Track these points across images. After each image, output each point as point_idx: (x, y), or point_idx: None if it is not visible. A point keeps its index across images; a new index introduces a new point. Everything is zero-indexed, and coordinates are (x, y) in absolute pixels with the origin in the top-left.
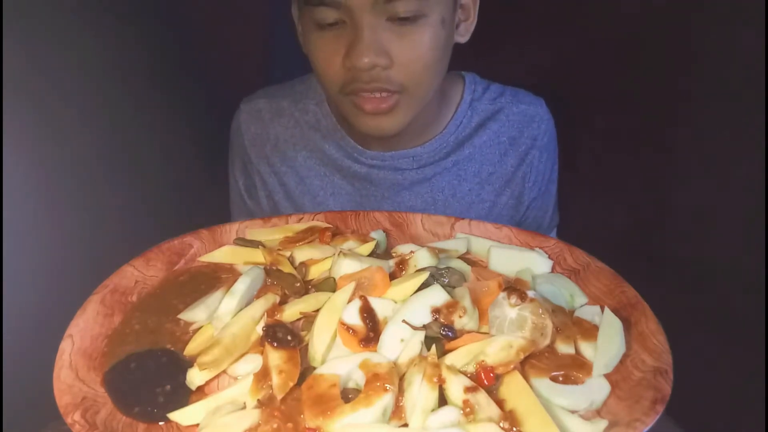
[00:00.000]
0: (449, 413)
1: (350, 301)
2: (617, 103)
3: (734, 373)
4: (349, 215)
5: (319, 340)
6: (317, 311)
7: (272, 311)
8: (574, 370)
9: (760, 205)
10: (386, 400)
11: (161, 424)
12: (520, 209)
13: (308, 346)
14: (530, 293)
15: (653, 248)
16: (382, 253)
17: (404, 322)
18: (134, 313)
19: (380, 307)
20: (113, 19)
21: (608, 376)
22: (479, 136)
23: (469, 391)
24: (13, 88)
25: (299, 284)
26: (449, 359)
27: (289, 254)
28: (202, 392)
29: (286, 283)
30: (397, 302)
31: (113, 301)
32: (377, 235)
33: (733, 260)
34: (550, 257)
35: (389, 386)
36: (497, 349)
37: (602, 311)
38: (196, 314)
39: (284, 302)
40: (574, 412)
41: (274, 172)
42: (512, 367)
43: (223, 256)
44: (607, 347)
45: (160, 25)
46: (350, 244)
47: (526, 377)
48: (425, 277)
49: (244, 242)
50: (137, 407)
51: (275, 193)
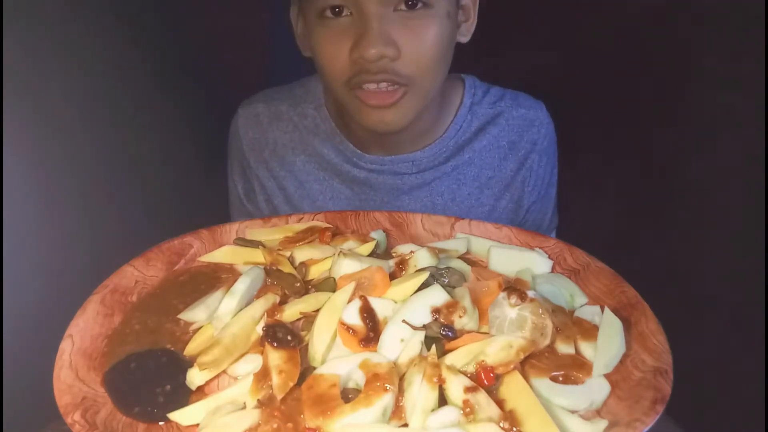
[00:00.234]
0: (449, 413)
1: (350, 301)
2: (617, 103)
3: (734, 373)
4: (349, 215)
5: (319, 340)
6: (317, 311)
7: (272, 311)
8: (574, 370)
9: (760, 205)
10: (386, 400)
11: (161, 424)
12: (519, 213)
13: (308, 346)
14: (530, 293)
15: (653, 248)
16: (382, 253)
17: (404, 322)
18: (134, 313)
19: (380, 307)
20: (113, 19)
21: (608, 376)
22: (479, 140)
23: (469, 391)
24: (13, 88)
25: (299, 284)
26: (449, 359)
27: (289, 254)
28: (202, 392)
29: (286, 283)
30: (397, 302)
31: (113, 301)
32: (377, 235)
33: (733, 261)
34: (550, 257)
35: (389, 386)
36: (497, 349)
37: (602, 311)
38: (196, 314)
39: (284, 302)
40: (574, 412)
41: (273, 176)
42: (512, 367)
43: (223, 256)
44: (607, 347)
45: (160, 25)
46: (350, 244)
47: (526, 377)
48: (425, 277)
49: (244, 242)
50: (137, 407)
51: (274, 197)
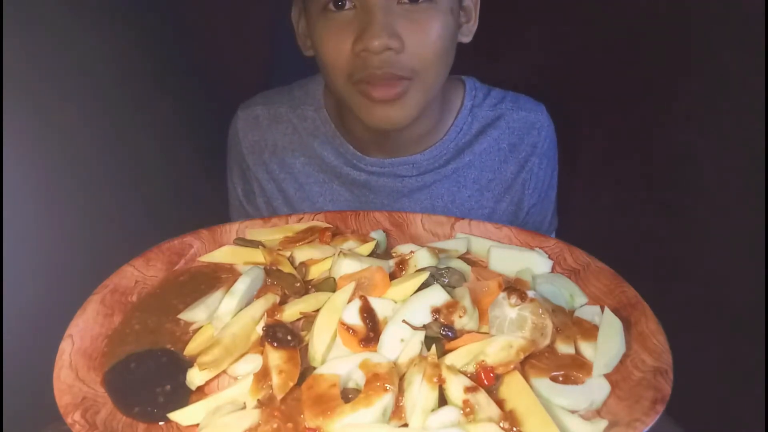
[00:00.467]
0: (449, 413)
1: (350, 301)
2: (617, 104)
3: (734, 373)
4: (349, 215)
5: (319, 340)
6: (317, 311)
7: (272, 311)
8: (574, 370)
9: (760, 205)
10: (386, 400)
11: (161, 424)
12: (519, 215)
13: (308, 346)
14: (530, 293)
15: (653, 248)
16: (382, 253)
17: (404, 322)
18: (134, 313)
19: (380, 307)
20: (113, 19)
21: (608, 376)
22: (479, 143)
23: (469, 391)
24: (13, 88)
25: (299, 284)
26: (449, 359)
27: (289, 254)
28: (202, 392)
29: (286, 283)
30: (397, 302)
31: (113, 301)
32: (377, 235)
33: (733, 260)
34: (550, 257)
35: (389, 386)
36: (497, 349)
37: (602, 311)
38: (196, 314)
39: (284, 302)
40: (574, 412)
41: (272, 178)
42: (512, 367)
43: (223, 256)
44: (607, 347)
45: (160, 25)
46: (350, 244)
47: (526, 377)
48: (425, 277)
49: (244, 242)
50: (137, 407)
51: (274, 199)
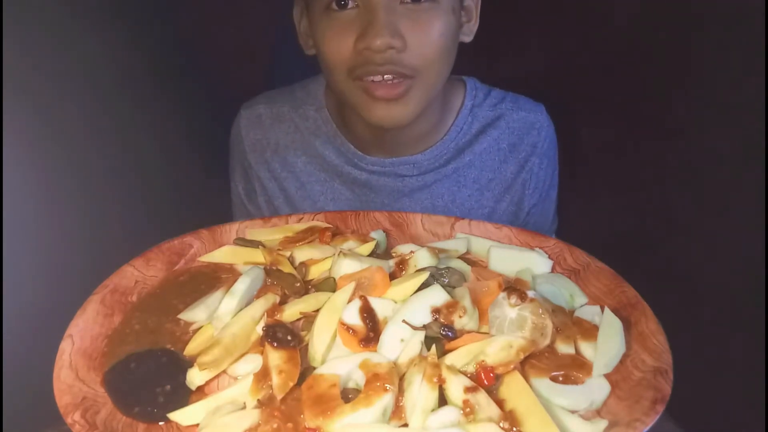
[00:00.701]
0: (449, 413)
1: (350, 301)
2: (617, 104)
3: (734, 373)
4: (349, 215)
5: (319, 340)
6: (317, 311)
7: (272, 311)
8: (574, 370)
9: (760, 205)
10: (386, 400)
11: (161, 424)
12: (519, 215)
13: (308, 346)
14: (530, 293)
15: (653, 248)
16: (382, 253)
17: (404, 322)
18: (134, 313)
19: (380, 307)
20: (114, 19)
21: (608, 376)
22: (479, 142)
23: (469, 391)
24: (13, 88)
25: (299, 284)
26: (449, 359)
27: (289, 254)
28: (202, 392)
29: (286, 283)
30: (397, 302)
31: (113, 301)
32: (377, 235)
33: (733, 260)
34: (550, 257)
35: (389, 386)
36: (497, 349)
37: (602, 311)
38: (196, 314)
39: (284, 302)
40: (574, 412)
41: (274, 177)
42: (512, 367)
43: (223, 256)
44: (607, 347)
45: (161, 25)
46: (350, 244)
47: (526, 377)
48: (425, 277)
49: (244, 242)
50: (137, 407)
51: (275, 198)
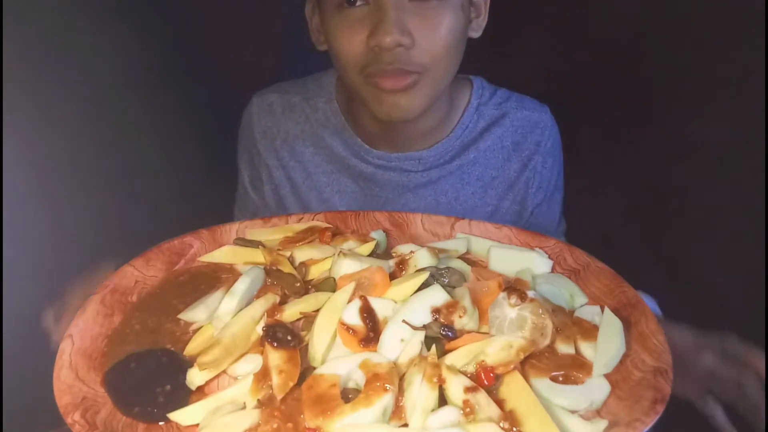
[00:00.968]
0: (449, 413)
1: (350, 301)
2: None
3: None
4: (349, 215)
5: (319, 340)
6: (317, 311)
7: (272, 311)
8: (574, 370)
9: (760, 205)
10: (386, 400)
11: (161, 424)
12: (523, 215)
13: (308, 346)
14: (530, 293)
15: (653, 248)
16: (382, 253)
17: (404, 322)
18: (134, 313)
19: (380, 307)
20: (114, 18)
21: (608, 376)
22: (484, 140)
23: (469, 391)
24: (13, 87)
25: (299, 284)
26: (449, 359)
27: (289, 254)
28: (202, 392)
29: (286, 283)
30: (397, 302)
31: (113, 301)
32: (377, 235)
33: (733, 261)
34: (550, 257)
35: (389, 386)
36: (497, 349)
37: (602, 311)
38: (196, 314)
39: (284, 302)
40: (574, 412)
41: (282, 165)
42: (512, 367)
43: (223, 256)
44: (607, 347)
45: (161, 24)
46: (350, 244)
47: (526, 377)
48: (425, 277)
49: (244, 242)
50: (137, 407)
51: (281, 187)
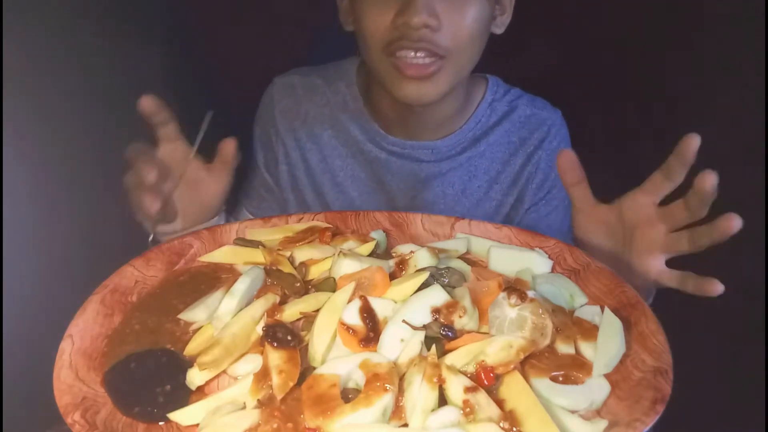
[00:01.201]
0: (449, 413)
1: (350, 301)
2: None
3: (734, 373)
4: (349, 215)
5: (319, 340)
6: (317, 311)
7: (272, 311)
8: (574, 370)
9: (760, 205)
10: (386, 400)
11: (161, 424)
12: (519, 210)
13: (308, 346)
14: (530, 293)
15: None
16: (382, 253)
17: (404, 322)
18: (134, 313)
19: (380, 307)
20: (114, 18)
21: (608, 376)
22: (494, 133)
23: (469, 391)
24: (13, 88)
25: (299, 284)
26: (449, 359)
27: (289, 254)
28: (202, 392)
29: (286, 283)
30: (397, 302)
31: (113, 301)
32: (377, 235)
33: (733, 261)
34: (550, 257)
35: (389, 386)
36: (497, 349)
37: (602, 311)
38: (196, 314)
39: (284, 302)
40: (574, 412)
41: (299, 146)
42: (512, 367)
43: (223, 256)
44: (607, 347)
45: (162, 24)
46: (350, 244)
47: (526, 377)
48: (425, 277)
49: (244, 242)
50: (137, 407)
51: (296, 168)
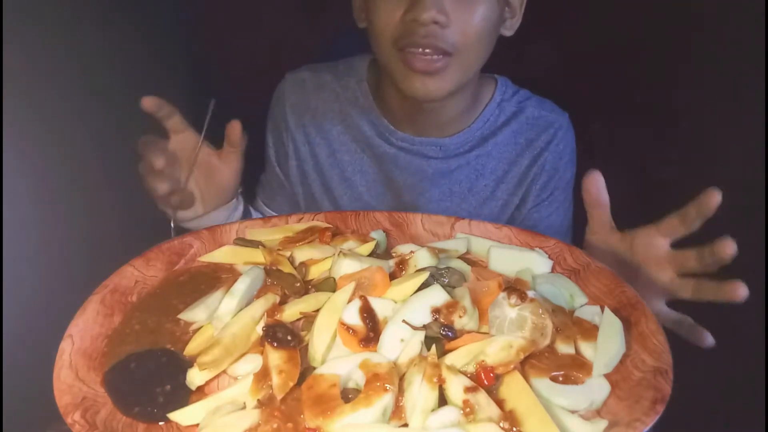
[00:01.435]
0: (449, 413)
1: (350, 301)
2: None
3: (734, 373)
4: (349, 215)
5: (319, 340)
6: (317, 311)
7: (272, 311)
8: (574, 370)
9: (760, 205)
10: (386, 400)
11: (161, 424)
12: (522, 210)
13: (308, 346)
14: (530, 293)
15: None
16: (382, 253)
17: (404, 322)
18: (134, 313)
19: (380, 307)
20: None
21: (608, 376)
22: (502, 133)
23: (469, 391)
24: (13, 88)
25: (299, 284)
26: (449, 359)
27: (289, 254)
28: (202, 392)
29: (286, 283)
30: (397, 302)
31: (113, 301)
32: (377, 235)
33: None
34: (550, 257)
35: (389, 386)
36: (497, 349)
37: (602, 311)
38: (196, 314)
39: (284, 302)
40: (574, 412)
41: (308, 141)
42: (512, 367)
43: (223, 256)
44: (607, 347)
45: (162, 23)
46: (350, 244)
47: (526, 377)
48: (425, 277)
49: (244, 242)
50: (137, 407)
51: (305, 162)
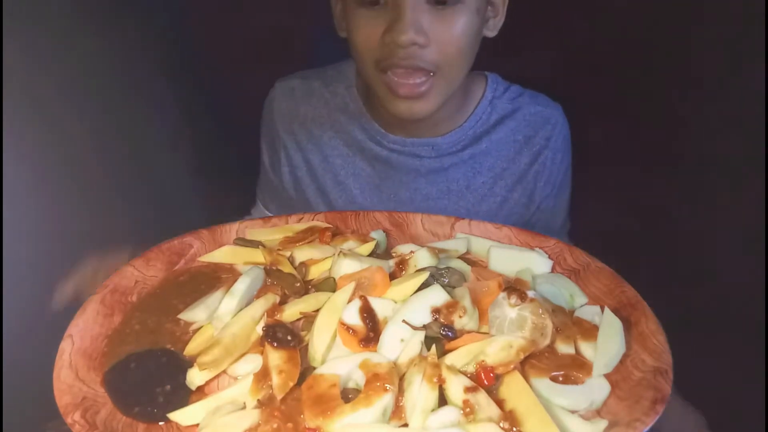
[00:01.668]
0: (449, 413)
1: (350, 301)
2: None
3: (734, 373)
4: (349, 215)
5: (319, 340)
6: (317, 311)
7: (272, 311)
8: (574, 370)
9: (760, 206)
10: (386, 400)
11: (161, 424)
12: (530, 208)
13: (308, 346)
14: (530, 293)
15: (653, 248)
16: (382, 253)
17: (404, 322)
18: (134, 313)
19: (380, 307)
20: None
21: (608, 376)
22: (496, 132)
23: (469, 391)
24: (13, 88)
25: (299, 284)
26: (449, 359)
27: (289, 254)
28: (202, 392)
29: (286, 283)
30: (397, 302)
31: (113, 301)
32: (377, 235)
33: (733, 261)
34: (550, 257)
35: (389, 386)
36: (497, 349)
37: (602, 311)
38: (196, 314)
39: (284, 302)
40: (574, 412)
41: (300, 148)
42: (512, 367)
43: (223, 256)
44: (607, 347)
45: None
46: (350, 244)
47: (526, 377)
48: (425, 277)
49: (244, 242)
50: (137, 407)
51: (298, 168)
